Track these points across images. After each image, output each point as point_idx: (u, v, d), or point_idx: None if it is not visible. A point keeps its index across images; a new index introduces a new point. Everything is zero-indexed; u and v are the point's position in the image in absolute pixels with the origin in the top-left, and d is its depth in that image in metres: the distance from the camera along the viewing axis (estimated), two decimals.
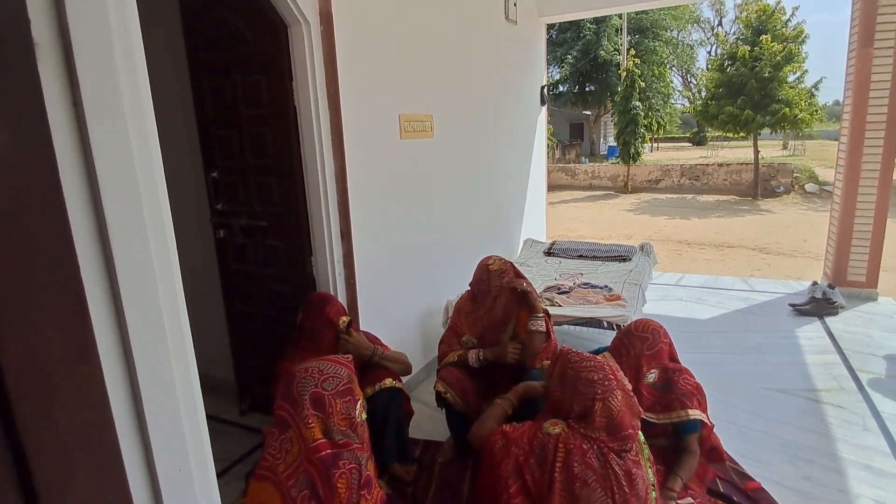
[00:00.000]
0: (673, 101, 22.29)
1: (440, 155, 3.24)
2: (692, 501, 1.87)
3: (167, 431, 1.18)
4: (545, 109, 5.24)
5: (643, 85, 16.22)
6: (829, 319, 3.81)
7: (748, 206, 12.97)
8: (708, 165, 15.82)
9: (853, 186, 4.10)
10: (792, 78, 12.97)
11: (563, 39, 20.15)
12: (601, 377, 1.58)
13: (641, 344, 2.03)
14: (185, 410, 1.22)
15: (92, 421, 0.76)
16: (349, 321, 2.18)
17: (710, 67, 16.72)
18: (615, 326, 2.77)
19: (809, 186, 13.94)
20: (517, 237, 4.67)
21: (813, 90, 13.11)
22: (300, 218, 2.40)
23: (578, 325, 2.99)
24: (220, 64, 2.43)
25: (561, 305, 3.04)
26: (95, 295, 1.03)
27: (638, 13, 19.85)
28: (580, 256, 4.15)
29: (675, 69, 25.48)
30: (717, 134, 18.56)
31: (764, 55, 12.63)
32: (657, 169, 16.46)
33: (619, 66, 18.75)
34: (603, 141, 26.01)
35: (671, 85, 21.65)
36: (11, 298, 0.66)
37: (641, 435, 1.64)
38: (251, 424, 2.70)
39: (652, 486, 1.58)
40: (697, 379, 2.05)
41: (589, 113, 24.15)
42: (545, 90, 5.11)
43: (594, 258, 4.08)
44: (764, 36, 12.80)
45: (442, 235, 3.35)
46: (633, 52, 16.76)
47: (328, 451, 1.43)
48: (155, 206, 1.14)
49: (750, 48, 12.99)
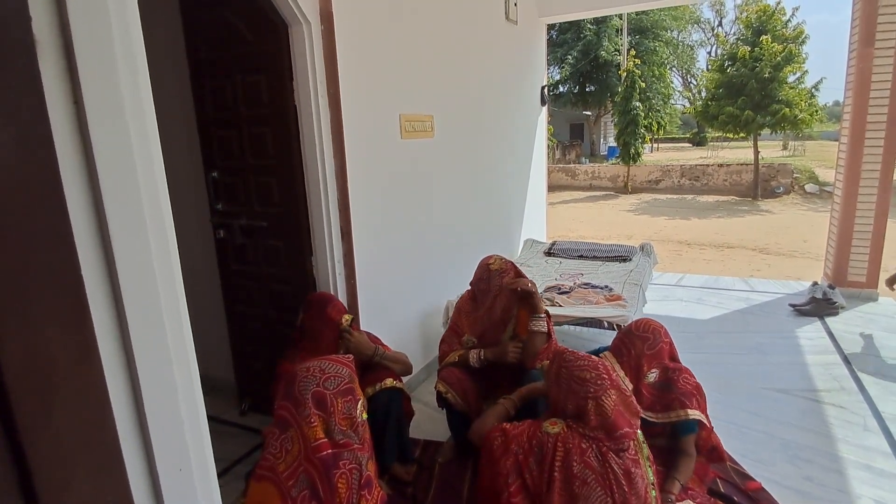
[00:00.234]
0: (673, 101, 22.31)
1: (441, 155, 3.24)
2: (691, 503, 1.86)
3: (168, 431, 1.18)
4: (545, 110, 5.24)
5: (643, 85, 16.22)
6: (829, 320, 3.81)
7: (748, 206, 12.97)
8: (708, 166, 15.83)
9: (853, 187, 4.10)
10: (792, 78, 12.97)
11: (563, 40, 20.16)
12: (594, 376, 1.58)
13: (642, 343, 2.02)
14: (185, 410, 1.22)
15: (92, 421, 0.76)
16: (351, 319, 2.18)
17: (710, 68, 16.74)
18: (615, 326, 2.77)
19: (809, 187, 13.94)
20: (517, 237, 4.66)
21: (813, 90, 13.12)
22: (300, 218, 2.40)
23: (579, 325, 2.98)
24: (220, 64, 2.43)
25: (561, 305, 3.04)
26: (96, 295, 1.03)
27: (638, 14, 19.85)
28: (580, 257, 4.15)
29: (675, 70, 25.51)
30: (717, 134, 18.57)
31: (764, 56, 12.64)
32: (657, 169, 16.46)
33: (619, 66, 18.75)
34: (603, 141, 26.01)
35: (671, 85, 21.67)
36: (12, 298, 0.66)
37: (640, 434, 1.64)
38: (251, 425, 2.70)
39: (652, 485, 1.58)
40: (698, 379, 2.05)
41: (589, 113, 24.16)
42: (545, 90, 5.11)
43: (594, 258, 4.08)
44: (764, 36, 12.80)
45: (442, 235, 3.35)
46: (633, 52, 16.76)
47: (329, 450, 1.43)
48: (155, 205, 1.14)
49: (750, 49, 13.00)
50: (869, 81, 3.91)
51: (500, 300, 2.29)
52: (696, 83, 26.30)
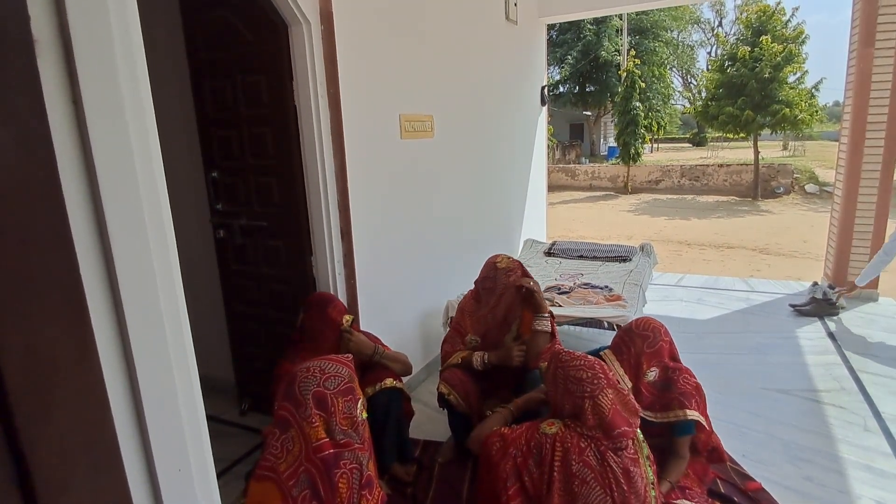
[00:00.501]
0: (673, 101, 22.34)
1: (440, 155, 3.24)
2: (687, 503, 1.86)
3: (167, 431, 1.18)
4: (545, 110, 5.24)
5: (643, 85, 16.23)
6: (829, 320, 3.81)
7: (748, 206, 12.97)
8: (708, 166, 15.83)
9: (853, 187, 4.10)
10: (792, 79, 12.97)
11: (563, 40, 20.17)
12: (590, 376, 1.58)
13: (642, 342, 2.02)
14: (185, 410, 1.22)
15: (92, 421, 0.76)
16: (352, 320, 2.18)
17: (710, 68, 16.75)
18: (615, 327, 2.77)
19: (809, 187, 13.94)
20: (517, 237, 4.66)
21: (813, 91, 13.11)
22: (300, 218, 2.40)
23: (578, 325, 2.98)
24: (220, 64, 2.43)
25: (561, 305, 3.04)
26: (95, 295, 1.03)
27: (638, 14, 19.86)
28: (580, 257, 4.15)
29: (675, 70, 25.53)
30: (717, 135, 18.58)
31: (764, 56, 12.64)
32: (657, 169, 16.46)
33: (619, 66, 18.76)
34: (603, 141, 26.01)
35: (671, 86, 21.69)
36: (11, 298, 0.65)
37: (640, 433, 1.64)
38: (251, 425, 2.70)
39: (651, 484, 1.58)
40: (698, 379, 2.05)
41: (589, 113, 24.16)
42: (545, 90, 5.11)
43: (594, 258, 4.08)
44: (764, 37, 12.81)
45: (442, 235, 3.35)
46: (633, 52, 16.77)
47: (330, 450, 1.42)
48: (155, 205, 1.14)
49: (750, 49, 13.00)
50: (869, 81, 3.90)
51: (505, 299, 2.29)
52: (696, 83, 26.31)
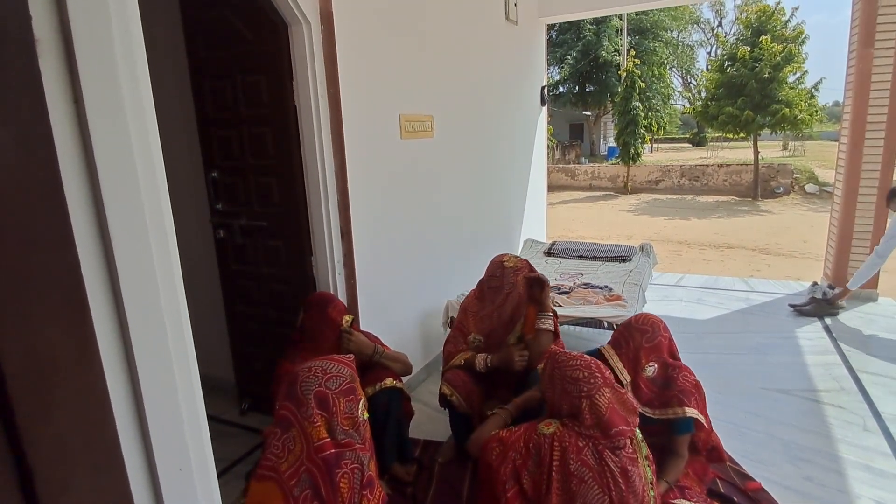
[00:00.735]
0: (673, 101, 22.33)
1: (440, 155, 3.24)
2: (686, 503, 1.86)
3: (168, 431, 1.18)
4: (545, 110, 5.24)
5: (643, 85, 16.24)
6: (829, 320, 3.81)
7: (748, 206, 12.97)
8: (708, 166, 15.83)
9: (853, 187, 4.10)
10: (792, 79, 12.98)
11: (563, 40, 20.17)
12: (586, 375, 1.58)
13: (641, 336, 2.02)
14: (185, 410, 1.22)
15: (92, 420, 0.75)
16: (352, 320, 2.17)
17: (709, 68, 16.76)
18: (615, 327, 2.76)
19: (809, 187, 13.94)
20: (517, 237, 4.66)
21: (813, 91, 13.12)
22: (300, 218, 2.40)
23: (578, 325, 2.98)
24: (220, 64, 2.43)
25: (561, 306, 3.04)
26: (96, 295, 1.03)
27: (638, 14, 19.86)
28: (580, 257, 4.15)
29: (675, 70, 25.53)
30: (716, 135, 18.58)
31: (764, 56, 12.64)
32: (657, 169, 16.46)
33: (619, 66, 18.76)
34: (603, 141, 26.01)
35: (671, 86, 21.69)
36: (11, 298, 0.65)
37: (639, 433, 1.64)
38: (251, 424, 2.70)
39: (650, 484, 1.58)
40: (698, 379, 2.05)
41: (589, 113, 24.16)
42: (545, 90, 5.11)
43: (594, 258, 4.08)
44: (764, 37, 12.81)
45: (442, 235, 3.35)
46: (633, 52, 16.78)
47: (332, 450, 1.42)
48: (156, 205, 1.14)
49: (750, 49, 13.00)
50: (869, 82, 3.91)
51: (512, 297, 2.29)
52: (695, 83, 26.29)
